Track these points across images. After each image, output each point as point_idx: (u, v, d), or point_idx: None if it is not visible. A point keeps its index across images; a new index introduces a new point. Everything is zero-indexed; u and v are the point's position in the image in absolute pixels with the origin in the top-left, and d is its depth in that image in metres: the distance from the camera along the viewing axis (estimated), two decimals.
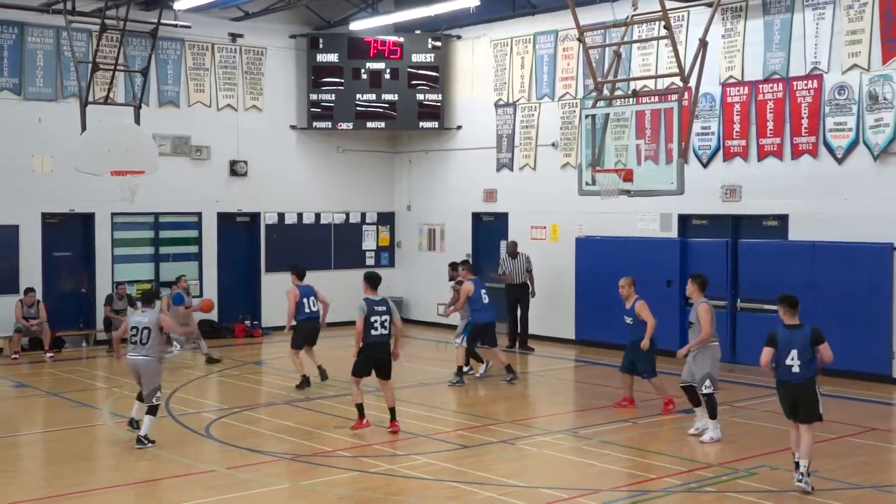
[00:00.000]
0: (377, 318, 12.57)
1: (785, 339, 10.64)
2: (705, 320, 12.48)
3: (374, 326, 12.57)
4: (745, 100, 17.95)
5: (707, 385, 12.48)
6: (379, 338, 12.65)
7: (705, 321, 12.48)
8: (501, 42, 22.13)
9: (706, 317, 12.50)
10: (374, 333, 12.59)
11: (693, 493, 10.32)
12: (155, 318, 12.40)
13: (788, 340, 10.62)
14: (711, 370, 12.53)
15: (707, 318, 12.49)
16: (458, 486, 10.58)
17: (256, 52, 22.79)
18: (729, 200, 18.25)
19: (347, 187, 24.23)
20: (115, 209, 20.61)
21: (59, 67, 20.24)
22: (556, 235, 21.02)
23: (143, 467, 11.45)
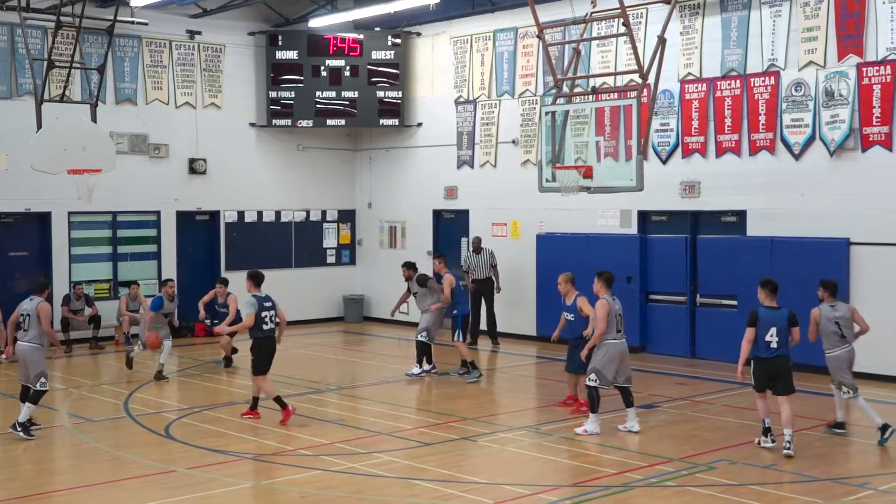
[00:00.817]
0: (267, 314, 13.20)
1: (766, 319, 11.64)
2: (593, 313, 12.68)
3: (265, 321, 13.17)
4: (703, 96, 18.08)
5: (592, 378, 12.51)
6: (270, 332, 13.31)
7: (593, 314, 12.69)
8: (461, 39, 22.14)
9: (596, 311, 12.62)
10: (265, 328, 13.22)
11: (653, 487, 10.38)
12: (36, 306, 12.75)
13: (769, 320, 11.63)
14: (598, 365, 12.50)
15: (601, 313, 12.51)
16: (420, 483, 10.57)
17: (215, 49, 22.63)
18: (688, 197, 18.38)
19: (308, 185, 24.14)
20: (72, 208, 20.38)
21: (14, 64, 19.98)
22: (516, 232, 21.06)
23: (101, 469, 11.34)
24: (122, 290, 21.12)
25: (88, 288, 20.85)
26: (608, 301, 12.61)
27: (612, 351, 12.57)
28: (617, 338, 12.64)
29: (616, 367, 12.59)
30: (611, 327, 12.56)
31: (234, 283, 21.13)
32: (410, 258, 18.86)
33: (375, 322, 23.92)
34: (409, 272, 17.33)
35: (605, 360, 12.53)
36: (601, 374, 12.50)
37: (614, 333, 12.61)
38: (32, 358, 12.65)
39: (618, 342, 12.64)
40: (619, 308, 12.73)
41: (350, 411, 14.41)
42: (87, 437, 12.77)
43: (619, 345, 12.64)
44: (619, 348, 12.64)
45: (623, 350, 12.72)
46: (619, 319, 12.67)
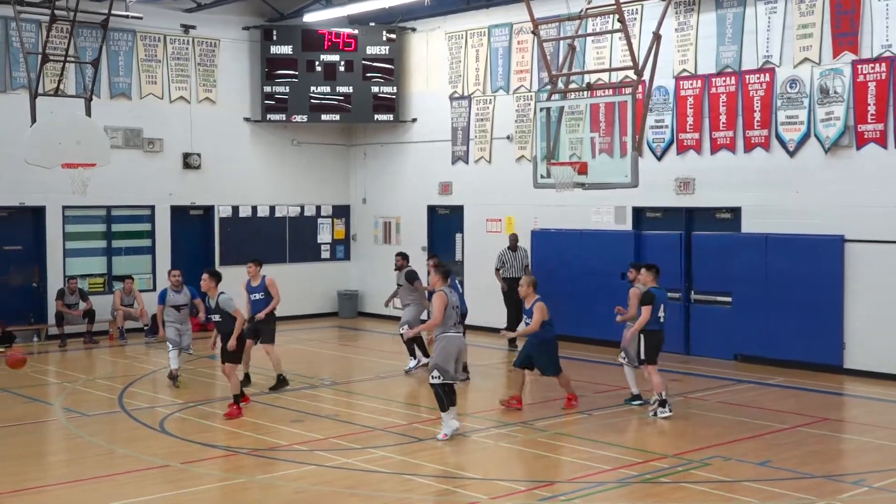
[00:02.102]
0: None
1: (659, 298, 13.51)
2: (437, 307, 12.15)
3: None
4: (698, 93, 18.09)
5: (434, 375, 12.05)
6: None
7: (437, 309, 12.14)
8: (456, 35, 22.12)
9: (433, 303, 12.33)
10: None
11: (648, 483, 10.40)
12: None
13: (661, 299, 13.56)
14: (438, 360, 12.09)
15: (437, 305, 12.12)
16: (414, 479, 10.58)
17: (209, 43, 22.59)
18: (682, 193, 18.40)
19: (302, 180, 24.13)
20: (66, 202, 20.37)
21: (8, 58, 19.94)
22: (511, 228, 21.04)
23: (95, 463, 11.33)
24: (117, 285, 21.10)
25: (82, 282, 20.83)
26: (445, 293, 12.16)
27: (451, 345, 12.12)
28: (455, 331, 12.24)
29: (452, 361, 12.14)
30: (448, 320, 12.11)
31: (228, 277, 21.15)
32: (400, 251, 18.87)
33: (370, 317, 23.91)
34: (401, 262, 17.28)
35: (444, 354, 12.05)
36: (443, 370, 12.01)
37: (452, 326, 12.20)
38: None
39: (456, 336, 12.25)
40: (456, 301, 12.33)
41: (344, 407, 14.41)
42: (81, 432, 12.76)
43: (457, 338, 12.27)
44: (457, 342, 12.25)
45: (460, 343, 12.37)
46: (455, 311, 12.27)
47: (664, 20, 14.67)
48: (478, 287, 21.57)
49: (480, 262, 21.65)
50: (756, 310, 17.23)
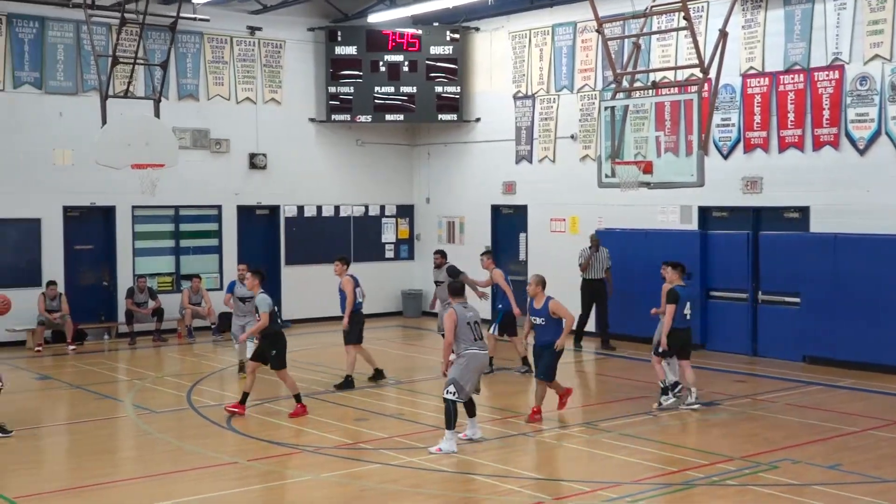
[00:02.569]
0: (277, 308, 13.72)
1: (684, 296, 13.72)
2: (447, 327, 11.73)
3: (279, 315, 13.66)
4: (765, 91, 17.86)
5: (450, 391, 11.55)
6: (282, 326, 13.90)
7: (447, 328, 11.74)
8: (520, 34, 22.08)
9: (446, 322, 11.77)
10: (280, 322, 13.67)
11: (715, 486, 10.29)
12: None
13: (686, 296, 13.75)
14: (456, 375, 11.60)
15: (447, 324, 11.72)
16: (478, 478, 10.59)
17: (275, 45, 22.81)
18: (749, 192, 18.18)
19: (366, 180, 24.26)
20: (135, 202, 20.72)
21: (80, 61, 20.34)
22: (575, 228, 20.97)
23: (164, 459, 11.50)
24: (185, 284, 21.40)
25: (151, 281, 21.17)
26: (455, 311, 11.70)
27: (472, 363, 11.68)
28: (476, 348, 11.75)
29: (473, 378, 11.73)
30: (465, 336, 11.65)
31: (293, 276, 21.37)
32: (468, 253, 18.90)
33: (434, 317, 23.90)
34: (440, 259, 17.21)
35: (464, 371, 11.59)
36: (460, 387, 11.55)
37: (472, 343, 11.70)
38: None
39: (478, 353, 11.76)
40: (472, 316, 11.78)
41: (409, 405, 14.46)
42: (150, 428, 12.97)
43: (479, 356, 11.79)
44: (479, 360, 11.81)
45: (483, 361, 11.96)
46: (475, 327, 11.75)
47: (731, 17, 14.51)
48: None
49: (544, 262, 21.56)
50: (825, 311, 16.96)
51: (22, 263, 19.93)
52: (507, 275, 17.17)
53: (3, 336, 19.31)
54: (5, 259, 19.76)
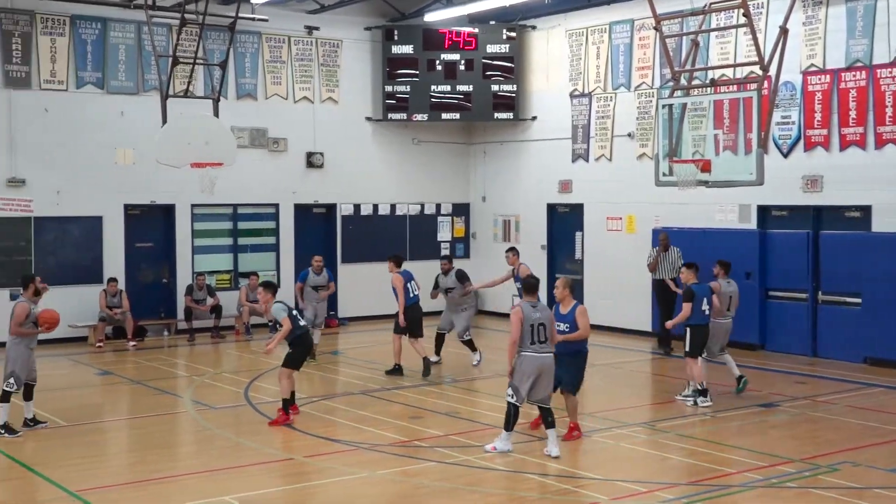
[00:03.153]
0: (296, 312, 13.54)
1: (700, 294, 13.93)
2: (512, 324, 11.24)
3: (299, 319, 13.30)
4: (826, 88, 17.61)
5: (509, 392, 11.26)
6: (305, 328, 13.44)
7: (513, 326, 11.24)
8: (577, 32, 21.99)
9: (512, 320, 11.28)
10: (301, 324, 13.27)
11: (774, 488, 10.17)
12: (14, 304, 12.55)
13: (701, 293, 13.95)
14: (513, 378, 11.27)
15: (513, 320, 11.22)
16: (534, 477, 10.57)
17: (332, 44, 22.95)
18: (810, 191, 17.93)
19: (422, 178, 24.32)
20: (194, 200, 20.97)
21: (141, 62, 20.62)
22: (632, 227, 20.85)
23: (222, 455, 11.62)
24: (242, 281, 21.61)
25: (210, 278, 21.41)
26: (522, 309, 11.19)
27: (528, 366, 11.15)
28: (532, 350, 11.16)
29: (530, 382, 11.17)
30: (524, 338, 11.12)
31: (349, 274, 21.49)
32: (524, 252, 18.81)
33: (489, 315, 23.95)
34: (447, 265, 17.40)
35: (520, 374, 11.18)
36: (516, 389, 11.21)
37: (529, 346, 11.14)
38: (7, 355, 12.43)
39: (538, 356, 11.15)
40: (539, 317, 11.18)
41: (464, 404, 14.47)
42: (208, 424, 13.12)
43: (536, 359, 11.14)
44: (536, 363, 11.15)
45: (541, 365, 11.18)
46: (539, 329, 11.15)
47: (791, 14, 14.35)
48: (597, 286, 21.44)
49: (600, 261, 21.51)
50: (887, 311, 16.68)
51: (84, 260, 20.26)
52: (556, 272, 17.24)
53: (66, 332, 19.58)
54: (68, 256, 20.10)
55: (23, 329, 12.30)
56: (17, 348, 12.35)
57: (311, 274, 17.89)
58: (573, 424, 12.13)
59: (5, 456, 11.51)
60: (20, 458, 11.40)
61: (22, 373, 12.37)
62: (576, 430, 12.10)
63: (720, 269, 15.02)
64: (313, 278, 17.85)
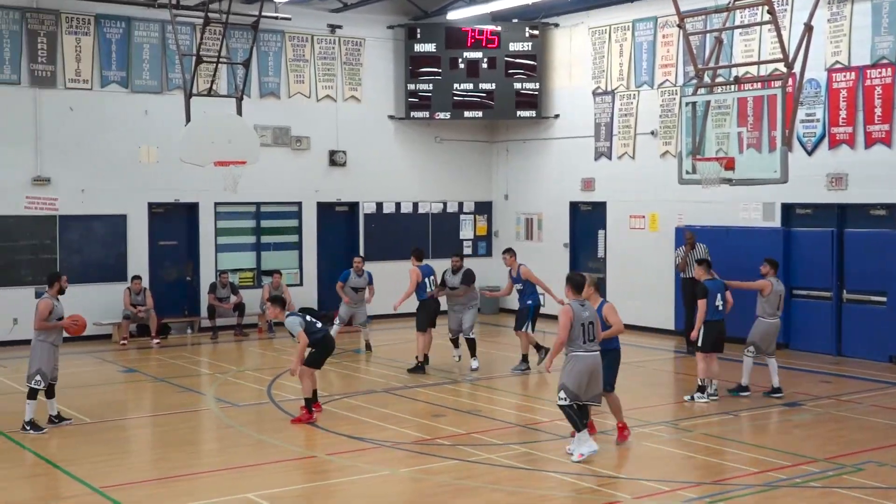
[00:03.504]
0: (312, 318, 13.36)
1: (714, 289, 14.01)
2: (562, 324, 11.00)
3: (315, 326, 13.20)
4: (851, 85, 17.48)
5: (561, 396, 11.04)
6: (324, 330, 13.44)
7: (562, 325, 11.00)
8: (600, 30, 21.93)
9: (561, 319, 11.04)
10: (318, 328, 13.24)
11: (798, 487, 10.12)
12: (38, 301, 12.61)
13: (715, 289, 14.02)
14: (565, 380, 11.04)
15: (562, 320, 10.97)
16: (556, 476, 10.55)
17: (355, 42, 22.98)
18: (834, 189, 17.82)
19: (445, 177, 24.32)
20: (218, 199, 21.06)
21: (165, 60, 20.72)
22: (655, 225, 20.78)
23: (245, 452, 11.66)
24: (266, 279, 21.67)
25: (233, 276, 21.49)
26: (572, 308, 10.98)
27: (579, 365, 10.97)
28: (584, 349, 10.99)
29: (583, 382, 10.99)
30: (575, 337, 10.94)
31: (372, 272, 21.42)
32: (547, 250, 18.84)
33: (511, 313, 23.89)
34: (458, 262, 17.14)
35: (572, 375, 10.98)
36: (571, 392, 10.97)
37: (582, 344, 10.97)
38: (32, 353, 12.54)
39: (588, 355, 11.01)
40: (588, 316, 11.04)
41: (486, 402, 14.47)
42: (231, 421, 13.17)
43: (587, 358, 11.00)
44: (587, 362, 11.01)
45: (592, 364, 11.05)
46: (588, 328, 11.00)
47: (816, 10, 14.24)
48: (619, 284, 21.39)
49: (623, 259, 21.45)
50: None
51: (108, 258, 20.38)
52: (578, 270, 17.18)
53: (90, 329, 19.52)
54: (93, 254, 20.23)
55: (47, 323, 12.39)
56: (42, 346, 12.46)
57: (353, 275, 18.47)
58: (622, 424, 11.95)
59: (30, 452, 11.60)
60: (45, 455, 11.48)
61: (47, 370, 12.46)
62: (625, 429, 11.93)
63: (769, 269, 14.69)
64: (354, 279, 18.43)
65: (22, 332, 18.88)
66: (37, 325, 12.43)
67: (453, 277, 16.93)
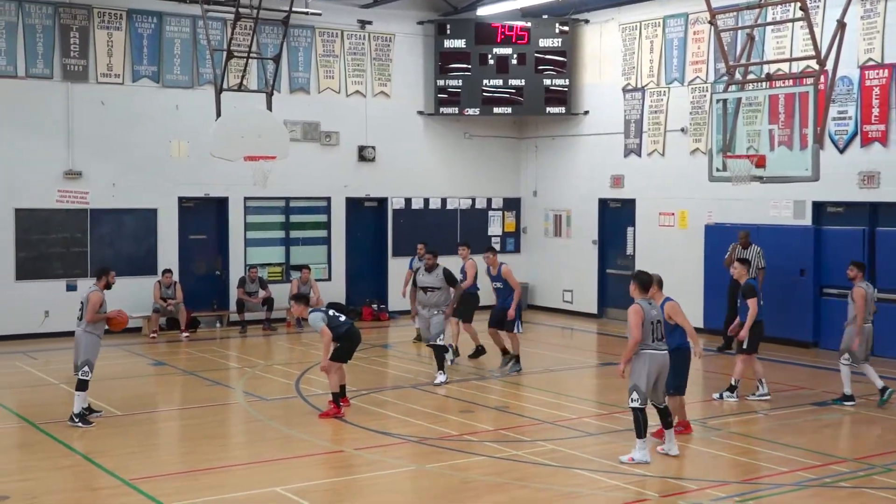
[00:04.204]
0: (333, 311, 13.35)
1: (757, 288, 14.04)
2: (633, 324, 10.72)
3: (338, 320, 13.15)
4: (884, 83, 17.33)
5: (633, 398, 10.72)
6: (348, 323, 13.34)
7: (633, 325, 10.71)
8: (630, 26, 21.84)
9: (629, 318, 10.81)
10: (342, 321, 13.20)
11: (827, 487, 10.05)
12: (87, 293, 12.73)
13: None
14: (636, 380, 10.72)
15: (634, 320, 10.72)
16: (583, 473, 10.54)
17: (385, 38, 23.01)
18: (866, 187, 17.67)
19: (474, 173, 24.30)
20: (247, 193, 21.15)
21: (196, 55, 20.83)
22: (684, 222, 20.68)
23: (273, 446, 11.72)
24: (294, 274, 21.75)
25: (262, 271, 21.57)
26: (642, 307, 10.78)
27: (650, 364, 10.74)
28: (653, 347, 10.78)
29: (651, 382, 10.78)
30: (646, 336, 10.72)
31: (400, 268, 21.44)
32: (575, 247, 18.79)
33: (539, 310, 23.91)
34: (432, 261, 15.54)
35: (642, 374, 10.72)
36: (641, 392, 10.72)
37: (650, 343, 10.76)
38: (79, 344, 12.61)
39: (657, 353, 10.79)
40: (656, 314, 10.87)
41: (514, 399, 14.47)
42: (260, 415, 13.23)
43: (658, 356, 10.80)
44: (658, 360, 10.81)
45: (662, 363, 10.86)
46: (657, 326, 10.82)
47: (849, 7, 14.13)
48: None
49: (652, 256, 21.34)
50: None
51: (139, 252, 20.52)
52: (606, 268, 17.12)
53: None
54: (124, 248, 20.37)
55: (98, 315, 12.60)
56: (89, 337, 12.59)
57: (416, 260, 18.66)
58: (685, 422, 12.02)
59: (61, 444, 11.70)
60: (76, 447, 11.58)
61: (94, 361, 12.60)
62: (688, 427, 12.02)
63: (858, 272, 13.88)
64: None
65: (53, 325, 19.12)
66: (89, 317, 12.54)
67: (428, 276, 15.47)
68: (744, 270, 14.15)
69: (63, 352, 18.11)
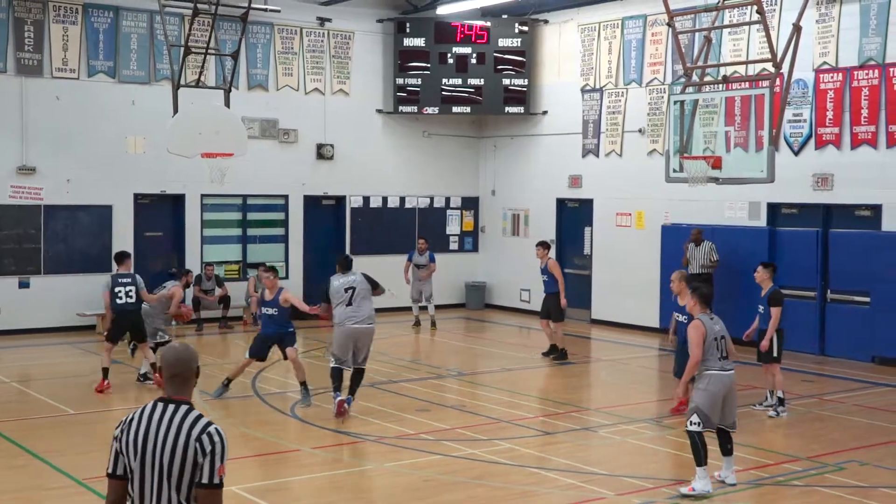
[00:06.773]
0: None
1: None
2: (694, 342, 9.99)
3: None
4: (838, 86, 17.56)
5: (694, 421, 9.85)
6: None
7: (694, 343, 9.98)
8: (589, 27, 21.95)
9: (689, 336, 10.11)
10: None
11: (780, 486, 10.17)
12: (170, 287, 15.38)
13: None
14: (699, 402, 9.88)
15: (694, 338, 9.97)
16: (539, 472, 10.58)
17: (344, 36, 22.95)
18: (820, 189, 17.90)
19: (432, 172, 24.31)
20: (204, 191, 20.99)
21: (153, 51, 20.64)
22: (641, 222, 20.83)
23: (229, 445, 11.56)
24: (251, 272, 21.61)
25: (219, 269, 21.43)
26: (703, 323, 10.00)
27: (716, 385, 9.89)
28: (720, 367, 9.94)
29: (717, 404, 9.92)
30: (710, 354, 9.92)
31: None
32: (532, 246, 18.72)
33: (497, 309, 23.97)
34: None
35: (708, 396, 9.85)
36: (704, 416, 9.81)
37: (716, 362, 9.92)
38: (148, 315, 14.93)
39: (724, 374, 9.95)
40: (719, 330, 10.05)
41: (470, 397, 14.49)
42: (216, 414, 13.13)
43: (724, 377, 9.94)
44: (724, 381, 9.95)
45: (728, 383, 9.99)
46: (721, 343, 9.99)
47: (804, 11, 14.30)
48: (605, 282, 21.45)
49: (609, 256, 21.50)
50: (890, 308, 16.64)
51: (93, 249, 20.29)
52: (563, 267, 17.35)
53: (73, 320, 19.70)
54: (78, 244, 20.14)
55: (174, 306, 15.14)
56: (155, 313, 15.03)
57: (416, 254, 20.95)
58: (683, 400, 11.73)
59: (11, 443, 11.54)
60: (27, 446, 11.43)
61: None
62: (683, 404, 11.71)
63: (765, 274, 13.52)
64: (417, 258, 20.89)
65: (5, 323, 18.85)
66: (172, 309, 15.09)
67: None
68: (766, 275, 13.38)
69: (15, 349, 17.90)
